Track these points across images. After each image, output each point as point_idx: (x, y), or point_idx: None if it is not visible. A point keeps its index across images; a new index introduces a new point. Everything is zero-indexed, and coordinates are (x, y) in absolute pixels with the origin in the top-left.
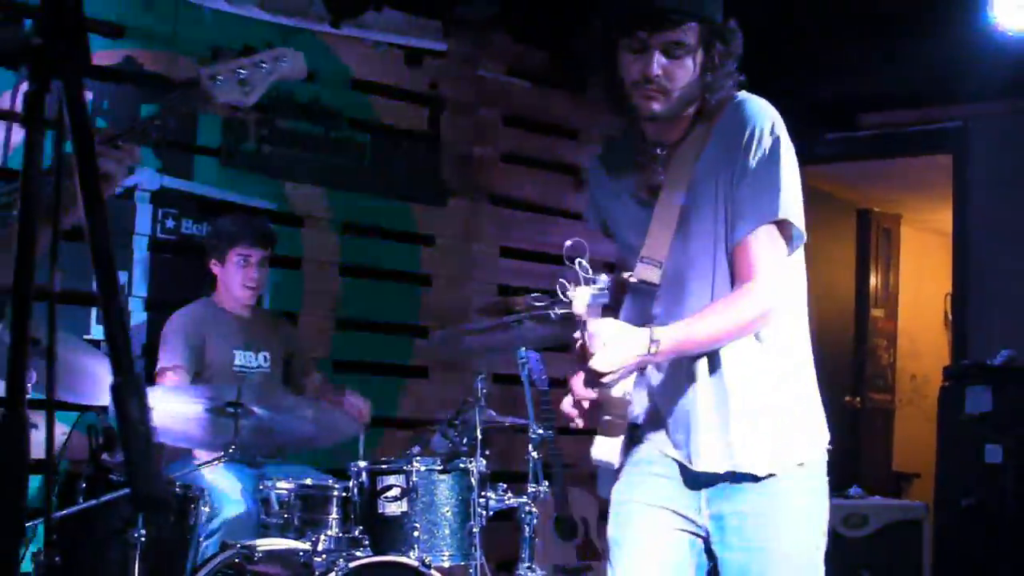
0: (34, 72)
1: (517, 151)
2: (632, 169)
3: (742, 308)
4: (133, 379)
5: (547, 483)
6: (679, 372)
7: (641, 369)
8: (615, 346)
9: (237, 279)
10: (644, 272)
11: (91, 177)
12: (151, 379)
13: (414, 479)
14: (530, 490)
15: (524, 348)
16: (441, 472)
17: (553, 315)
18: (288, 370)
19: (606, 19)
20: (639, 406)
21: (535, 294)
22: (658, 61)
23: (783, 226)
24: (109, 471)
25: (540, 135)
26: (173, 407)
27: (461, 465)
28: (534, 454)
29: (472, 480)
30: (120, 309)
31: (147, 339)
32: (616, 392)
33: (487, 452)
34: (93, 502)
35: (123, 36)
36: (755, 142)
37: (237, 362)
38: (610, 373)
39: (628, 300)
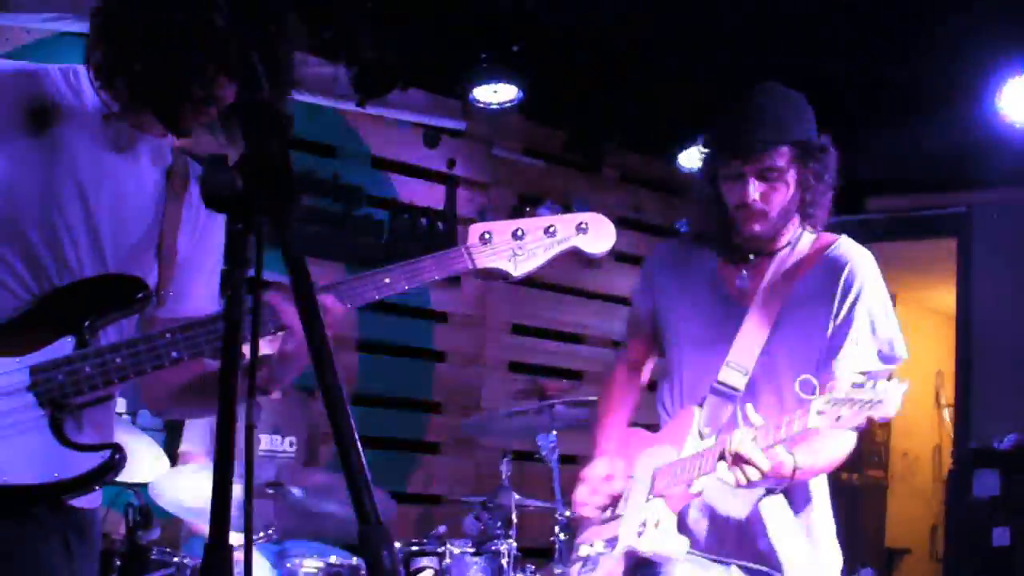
0: (235, 213)
1: None
2: (712, 266)
3: (848, 445)
4: (382, 528)
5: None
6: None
7: None
8: (765, 460)
9: None
10: (729, 376)
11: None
12: (173, 459)
13: (447, 561)
14: (557, 571)
15: (553, 431)
16: (474, 554)
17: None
18: (310, 448)
19: (707, 148)
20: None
21: (564, 380)
22: (755, 187)
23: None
24: (146, 550)
25: None
26: (206, 485)
27: (493, 548)
28: (561, 535)
29: (503, 562)
30: (360, 457)
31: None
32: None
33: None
34: None
35: None
36: (857, 292)
37: (263, 447)
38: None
39: (708, 401)
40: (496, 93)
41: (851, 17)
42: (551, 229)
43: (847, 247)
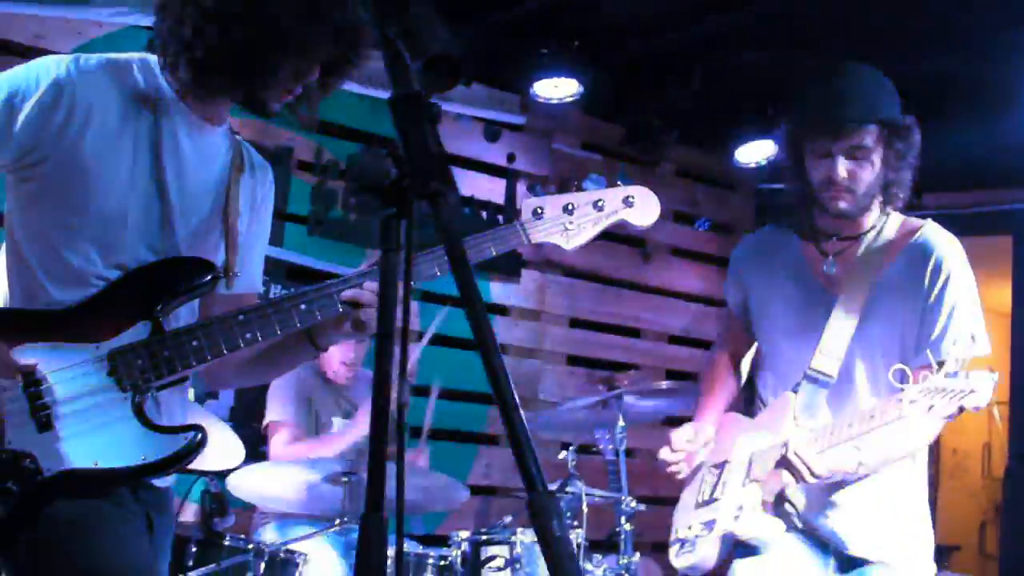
0: (390, 200)
1: None
2: (797, 255)
3: (924, 436)
4: (552, 497)
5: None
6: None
7: None
8: (820, 464)
9: (336, 355)
10: (823, 363)
11: (474, 302)
12: (263, 436)
13: (518, 550)
14: (622, 561)
15: (621, 423)
16: None
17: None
18: None
19: (793, 126)
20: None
21: (633, 371)
22: (842, 164)
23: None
24: (221, 536)
25: None
26: (286, 473)
27: None
28: (626, 526)
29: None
30: (524, 427)
31: (235, 401)
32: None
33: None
34: (214, 567)
35: None
36: (945, 279)
37: (335, 429)
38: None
39: (802, 388)
40: (556, 88)
41: (914, 13)
42: (599, 203)
43: (934, 232)
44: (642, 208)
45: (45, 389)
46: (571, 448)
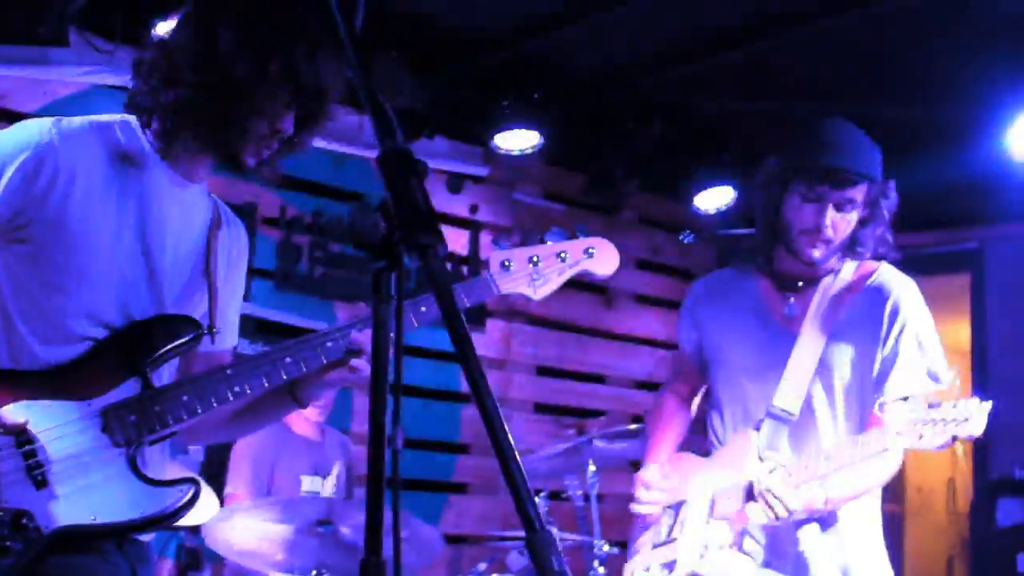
0: (381, 253)
1: None
2: (757, 296)
3: (886, 472)
4: (547, 534)
5: None
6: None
7: None
8: (795, 499)
9: (305, 411)
10: (785, 401)
11: (467, 347)
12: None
13: None
14: None
15: (592, 467)
16: None
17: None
18: (348, 488)
19: (790, 164)
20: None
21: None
22: (831, 214)
23: None
24: None
25: None
26: (256, 526)
27: None
28: (599, 569)
29: None
30: (520, 469)
31: (204, 457)
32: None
33: None
34: None
35: None
36: (904, 319)
37: (304, 487)
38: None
39: (764, 425)
40: (517, 139)
41: (871, 60)
42: (562, 255)
43: (889, 275)
44: (602, 259)
45: (39, 447)
46: (543, 494)
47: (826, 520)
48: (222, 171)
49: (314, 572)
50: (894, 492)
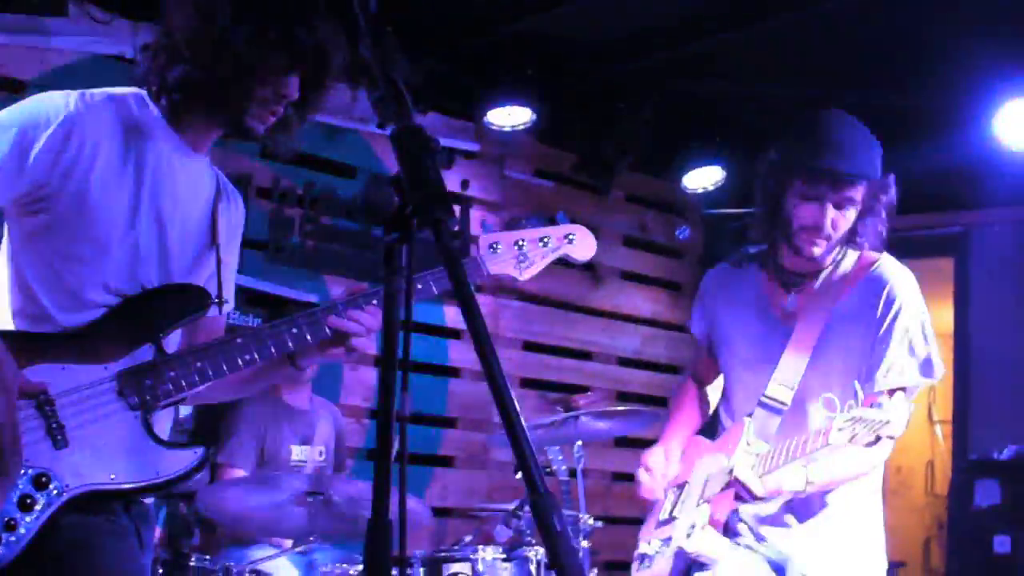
0: (394, 226)
1: None
2: (758, 289)
3: (870, 460)
4: (550, 496)
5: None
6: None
7: None
8: (759, 485)
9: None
10: (777, 391)
11: (475, 318)
12: (213, 469)
13: (480, 567)
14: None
15: (579, 442)
16: (504, 560)
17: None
18: (337, 459)
19: (789, 160)
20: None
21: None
22: (830, 213)
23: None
24: (187, 557)
25: None
26: (248, 494)
27: (523, 554)
28: (583, 543)
29: (532, 568)
30: (524, 432)
31: (193, 426)
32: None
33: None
34: None
35: None
36: (897, 310)
37: (295, 457)
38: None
39: (756, 414)
40: (509, 116)
41: (856, 48)
42: (545, 239)
43: (888, 266)
44: (580, 244)
45: (59, 409)
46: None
47: (811, 505)
48: (233, 141)
49: (310, 539)
50: None
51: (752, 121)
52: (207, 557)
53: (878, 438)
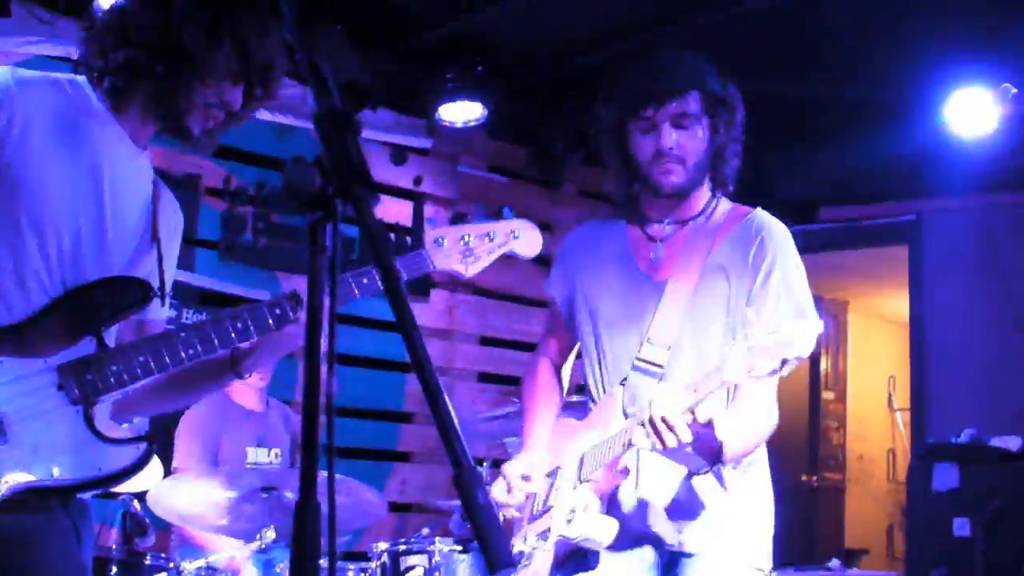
0: (317, 207)
1: None
2: (621, 244)
3: (769, 421)
4: (473, 470)
5: None
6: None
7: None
8: (687, 432)
9: (251, 382)
10: (651, 352)
11: (402, 306)
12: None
13: (436, 559)
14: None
15: None
16: (461, 552)
17: None
18: (292, 459)
19: (613, 106)
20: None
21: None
22: (670, 133)
23: None
24: (141, 556)
25: None
26: (201, 492)
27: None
28: None
29: None
30: (448, 408)
31: (149, 428)
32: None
33: None
34: None
35: None
36: (771, 259)
37: (250, 459)
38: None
39: (630, 379)
40: (461, 112)
41: (798, 34)
42: (491, 235)
43: (761, 217)
44: (526, 240)
45: None
46: (486, 463)
47: (697, 480)
48: (166, 138)
49: (264, 530)
50: (836, 462)
51: None
52: (162, 555)
53: (784, 363)
